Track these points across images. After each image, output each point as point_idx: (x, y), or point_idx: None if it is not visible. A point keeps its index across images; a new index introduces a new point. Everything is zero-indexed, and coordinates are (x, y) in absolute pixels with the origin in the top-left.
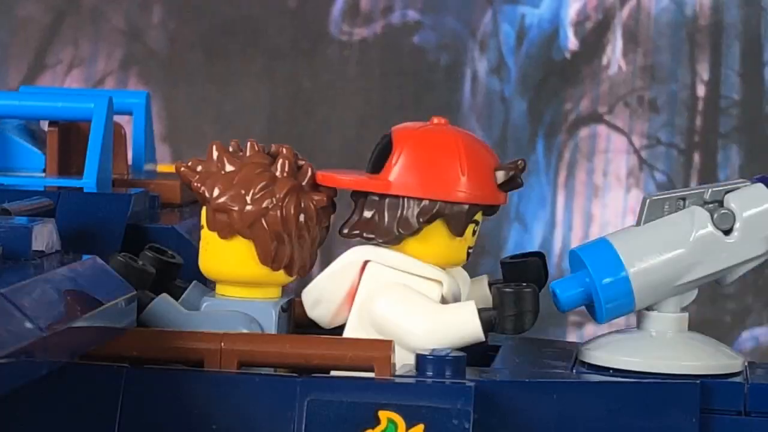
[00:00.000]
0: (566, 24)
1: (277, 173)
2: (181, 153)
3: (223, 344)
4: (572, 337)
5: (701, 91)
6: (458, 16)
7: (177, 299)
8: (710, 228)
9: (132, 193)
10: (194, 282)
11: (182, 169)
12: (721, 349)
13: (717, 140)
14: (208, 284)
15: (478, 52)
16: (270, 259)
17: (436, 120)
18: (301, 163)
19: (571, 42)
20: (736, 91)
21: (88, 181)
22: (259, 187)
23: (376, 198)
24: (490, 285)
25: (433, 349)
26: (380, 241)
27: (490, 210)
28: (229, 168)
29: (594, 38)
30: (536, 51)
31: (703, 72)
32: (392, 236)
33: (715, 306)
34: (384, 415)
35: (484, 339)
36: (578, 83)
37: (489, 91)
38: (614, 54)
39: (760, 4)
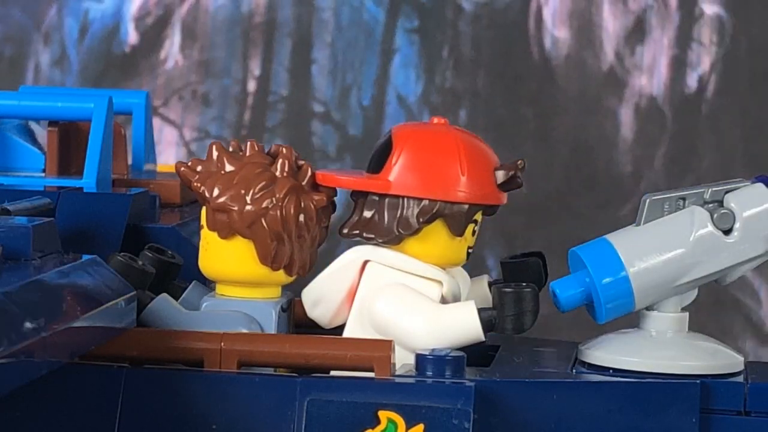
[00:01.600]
0: (128, 19)
1: (277, 173)
2: None
3: (223, 344)
4: (572, 337)
5: (252, 86)
6: (24, 9)
7: (177, 299)
8: (710, 228)
9: (132, 193)
10: (194, 282)
11: (182, 169)
12: (721, 349)
13: (264, 134)
14: (208, 284)
15: (42, 45)
16: (270, 259)
17: (436, 120)
18: (301, 163)
19: (132, 36)
20: (284, 87)
21: (88, 181)
22: (259, 187)
23: (376, 198)
24: (490, 285)
25: (433, 349)
26: (380, 241)
27: (490, 210)
28: (228, 168)
29: (154, 33)
30: (98, 45)
31: (255, 68)
32: (392, 236)
33: None
34: (384, 415)
35: (484, 339)
36: (136, 76)
37: (51, 81)
38: (172, 48)
39: (312, 3)
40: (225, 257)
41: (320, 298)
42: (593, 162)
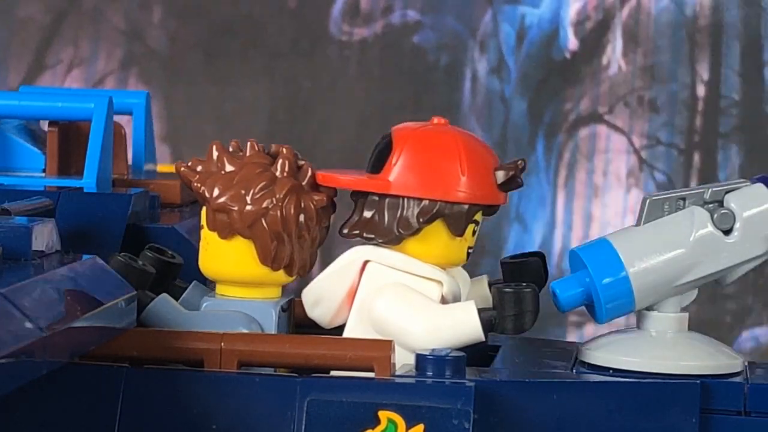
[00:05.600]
0: (566, 24)
1: (277, 173)
2: (181, 153)
3: (223, 344)
4: (572, 337)
5: (701, 90)
6: (458, 16)
7: (177, 299)
8: (710, 228)
9: (132, 193)
10: (194, 282)
11: (182, 169)
12: (721, 349)
13: (717, 140)
14: (208, 284)
15: (478, 52)
16: (270, 259)
17: (436, 120)
18: (301, 163)
19: (571, 42)
20: (735, 91)
21: (88, 181)
22: (259, 187)
23: (376, 198)
24: (490, 285)
25: (433, 349)
26: (380, 241)
27: (490, 210)
28: (229, 168)
29: (594, 38)
30: (536, 51)
31: (703, 72)
32: (392, 236)
33: (715, 306)
34: (384, 415)
35: (484, 339)
36: (578, 83)
37: (489, 91)
38: (614, 54)
39: (760, 4)
40: (225, 257)
41: (320, 298)
42: None
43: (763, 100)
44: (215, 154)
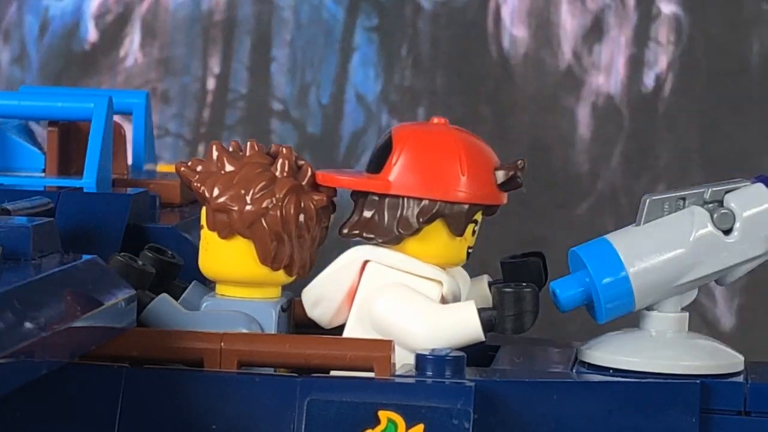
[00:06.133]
0: (88, 17)
1: (277, 173)
2: None
3: (223, 344)
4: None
5: (211, 84)
6: None
7: (177, 299)
8: (710, 228)
9: (132, 193)
10: (194, 282)
11: (182, 169)
12: (721, 349)
13: (222, 132)
14: (208, 284)
15: (2, 42)
16: (270, 259)
17: (436, 120)
18: (301, 163)
19: (92, 34)
20: (243, 85)
21: (88, 181)
22: (259, 187)
23: (376, 198)
24: (490, 285)
25: (433, 349)
26: (380, 240)
27: (490, 210)
28: (229, 168)
29: (113, 31)
30: (58, 42)
31: (215, 66)
32: (392, 236)
33: None
34: (384, 415)
35: (484, 339)
36: (96, 74)
37: (10, 79)
38: (132, 46)
39: (272, 2)
40: (225, 257)
41: (320, 298)
42: (551, 161)
43: (268, 94)
44: (215, 154)
